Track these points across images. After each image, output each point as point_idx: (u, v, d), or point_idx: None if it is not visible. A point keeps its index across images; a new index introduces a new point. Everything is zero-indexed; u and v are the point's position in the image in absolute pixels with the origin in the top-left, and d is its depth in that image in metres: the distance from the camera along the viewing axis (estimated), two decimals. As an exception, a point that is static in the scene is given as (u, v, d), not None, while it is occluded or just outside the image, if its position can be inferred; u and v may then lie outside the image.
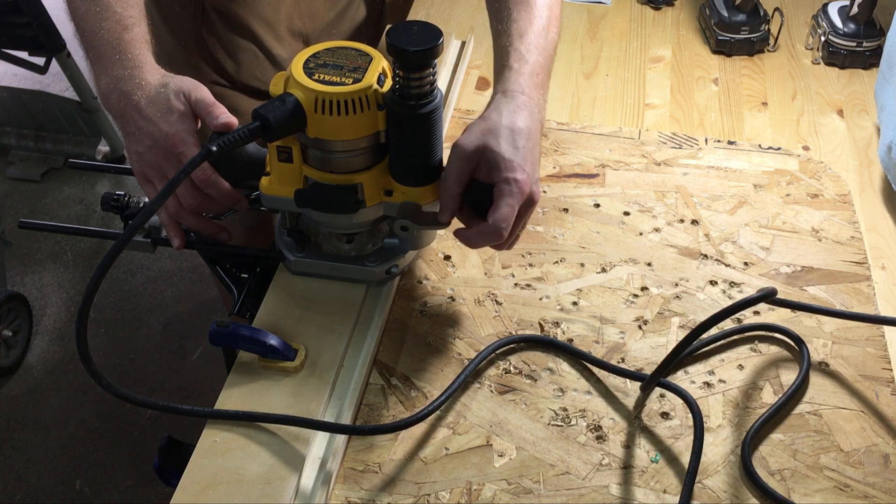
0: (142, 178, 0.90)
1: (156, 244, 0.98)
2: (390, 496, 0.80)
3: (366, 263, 0.94)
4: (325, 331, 0.91)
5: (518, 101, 0.87)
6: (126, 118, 0.88)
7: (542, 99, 0.91)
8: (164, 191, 0.77)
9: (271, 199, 0.90)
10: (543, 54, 0.93)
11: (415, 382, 0.90)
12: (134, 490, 1.93)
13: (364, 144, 0.86)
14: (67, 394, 2.10)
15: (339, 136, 0.84)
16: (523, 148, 0.85)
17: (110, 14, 0.92)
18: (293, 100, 0.82)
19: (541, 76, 0.92)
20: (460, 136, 0.86)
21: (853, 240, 1.05)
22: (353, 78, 0.83)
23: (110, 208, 0.99)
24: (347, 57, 0.85)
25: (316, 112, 0.82)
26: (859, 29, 1.34)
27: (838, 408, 0.88)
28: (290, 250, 0.96)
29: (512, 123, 0.85)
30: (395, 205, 0.90)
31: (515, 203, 0.83)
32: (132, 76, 0.89)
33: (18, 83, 2.85)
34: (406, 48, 0.79)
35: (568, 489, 0.81)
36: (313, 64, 0.84)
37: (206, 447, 0.81)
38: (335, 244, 0.95)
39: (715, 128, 1.25)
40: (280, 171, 0.88)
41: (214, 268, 0.97)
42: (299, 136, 0.85)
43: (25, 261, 2.44)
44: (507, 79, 0.90)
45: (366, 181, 0.88)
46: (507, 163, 0.83)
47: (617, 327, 0.96)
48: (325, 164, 0.87)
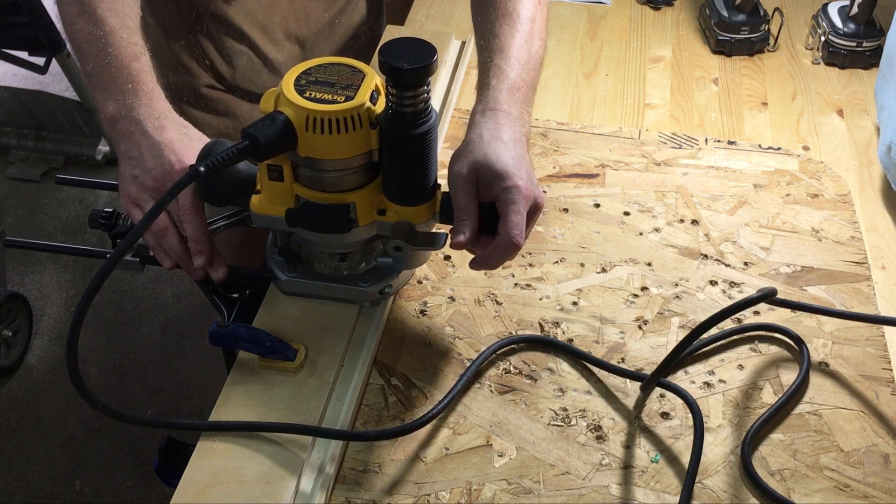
0: (128, 201, 0.89)
1: (144, 263, 0.95)
2: (390, 496, 0.80)
3: (359, 283, 0.92)
4: (325, 331, 0.91)
5: (497, 118, 0.87)
6: (132, 142, 0.88)
7: (523, 113, 0.90)
8: (151, 211, 0.75)
9: (262, 218, 0.88)
10: (526, 68, 0.92)
11: (415, 382, 0.90)
12: (134, 490, 1.93)
13: (356, 163, 0.83)
14: (67, 394, 2.10)
15: (330, 155, 0.82)
16: (514, 157, 0.84)
17: (116, 39, 0.91)
18: (283, 118, 0.79)
19: (522, 90, 0.91)
20: (450, 167, 0.86)
21: (853, 240, 1.05)
22: (345, 95, 0.81)
23: (99, 226, 0.96)
24: (339, 73, 0.83)
25: (307, 131, 0.80)
26: (859, 29, 1.34)
27: (838, 408, 0.88)
28: (281, 270, 0.94)
29: (496, 138, 0.85)
30: (388, 224, 0.88)
31: (522, 209, 0.82)
32: (149, 107, 0.89)
33: (18, 83, 2.85)
34: (399, 66, 0.77)
35: (568, 489, 0.81)
36: (304, 81, 0.82)
37: (205, 447, 0.81)
38: (328, 263, 0.94)
39: (715, 128, 1.25)
40: (271, 190, 0.86)
41: (203, 287, 0.95)
42: (290, 154, 0.83)
43: (25, 261, 2.44)
44: (486, 97, 0.89)
45: (358, 200, 0.86)
46: (503, 173, 0.82)
47: (617, 327, 0.96)
48: (317, 183, 0.85)
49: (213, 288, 0.94)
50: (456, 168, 0.85)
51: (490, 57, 0.92)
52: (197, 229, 0.88)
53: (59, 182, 1.08)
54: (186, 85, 1.26)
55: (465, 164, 0.84)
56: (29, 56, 2.40)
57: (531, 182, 0.84)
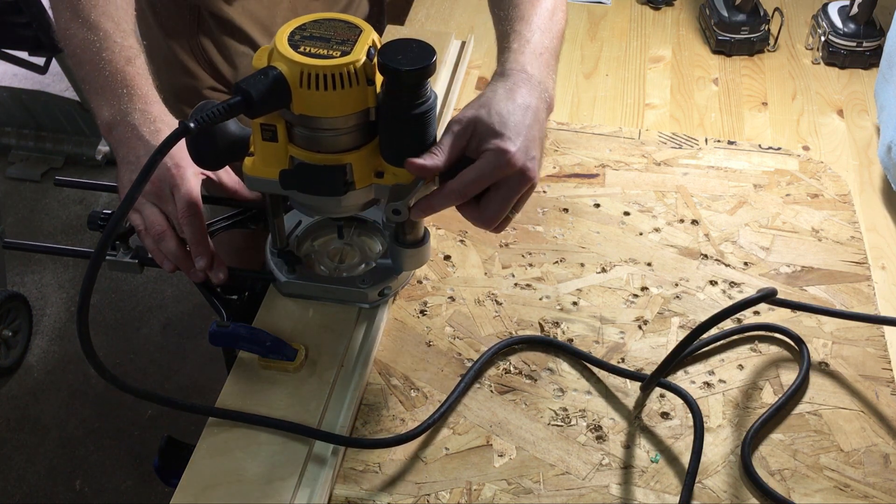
0: None
1: (143, 265, 0.94)
2: (390, 496, 0.80)
3: (358, 285, 0.92)
4: (325, 331, 0.91)
5: (516, 79, 0.84)
6: (129, 147, 0.88)
7: (546, 76, 0.86)
8: (137, 180, 0.72)
9: (255, 180, 0.85)
10: (548, 35, 0.89)
11: (415, 382, 0.90)
12: (134, 490, 1.93)
13: (353, 122, 0.80)
14: (67, 394, 2.10)
15: (325, 113, 0.79)
16: (518, 123, 0.80)
17: (110, 44, 0.90)
18: (276, 73, 0.76)
19: (545, 56, 0.87)
20: (457, 113, 0.83)
21: (853, 240, 1.05)
22: (341, 51, 0.77)
23: (98, 228, 0.95)
24: (335, 29, 0.80)
25: (301, 86, 0.77)
26: (859, 29, 1.34)
27: (838, 408, 0.88)
28: (280, 271, 0.93)
29: (509, 99, 0.82)
30: (386, 188, 0.84)
31: (490, 169, 0.79)
32: (144, 112, 0.88)
33: (18, 83, 2.85)
34: (399, 68, 0.76)
35: (568, 489, 0.81)
36: (299, 36, 0.79)
37: (205, 447, 0.81)
38: (327, 264, 0.93)
39: (715, 128, 1.25)
40: (264, 151, 0.83)
41: (202, 288, 0.94)
42: (284, 112, 0.80)
43: (25, 261, 2.44)
44: (506, 59, 0.86)
45: (355, 162, 0.82)
46: (496, 132, 0.79)
47: (617, 327, 0.96)
48: (312, 143, 0.81)
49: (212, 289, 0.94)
50: (457, 115, 0.82)
51: (510, 25, 0.89)
52: (196, 231, 0.87)
53: (57, 184, 1.06)
54: (188, 86, 1.26)
55: (467, 113, 0.82)
56: (29, 56, 2.41)
57: (525, 153, 0.79)
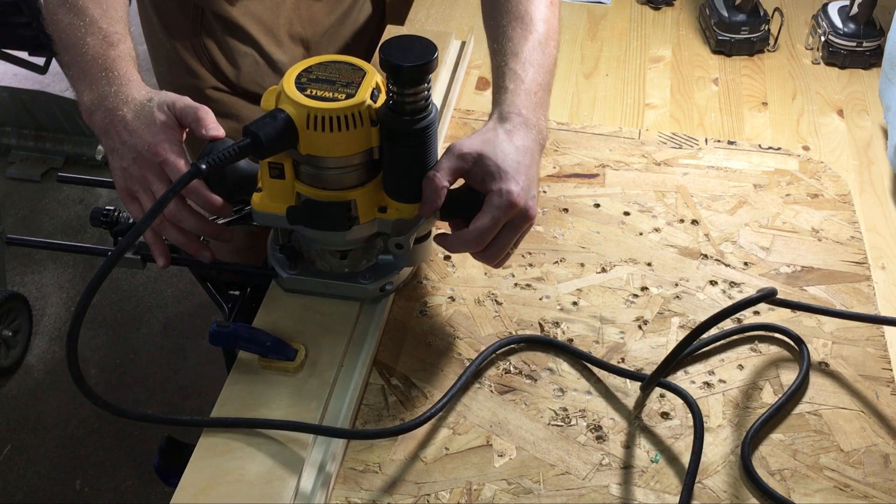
0: (126, 196, 0.89)
1: (145, 261, 0.95)
2: (390, 496, 0.80)
3: (360, 281, 0.93)
4: (325, 330, 0.91)
5: (514, 122, 0.87)
6: (110, 134, 0.87)
7: (540, 118, 0.90)
8: (153, 209, 0.75)
9: (263, 215, 0.88)
10: (541, 71, 0.92)
11: (415, 382, 0.90)
12: (134, 490, 1.93)
13: (357, 161, 0.84)
14: (67, 394, 2.10)
15: (331, 153, 0.82)
16: (519, 163, 0.84)
17: (95, 29, 0.90)
18: (284, 116, 0.80)
19: (539, 94, 0.90)
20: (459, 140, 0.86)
21: (853, 240, 1.05)
22: (346, 93, 0.81)
23: (100, 224, 0.96)
24: (340, 71, 0.84)
25: (308, 128, 0.80)
26: (859, 29, 1.34)
27: (838, 408, 0.88)
28: (282, 267, 0.94)
29: (509, 141, 0.85)
30: (389, 221, 0.88)
31: (501, 215, 0.82)
32: (118, 93, 0.87)
33: (18, 83, 2.85)
34: (400, 64, 0.78)
35: (568, 489, 0.81)
36: (305, 79, 0.82)
37: (205, 447, 0.81)
38: (329, 261, 0.94)
39: (715, 128, 1.25)
40: (272, 188, 0.87)
41: (205, 284, 0.94)
42: (291, 152, 0.83)
43: (25, 261, 2.44)
44: (503, 100, 0.89)
45: (359, 198, 0.86)
46: (501, 173, 0.82)
47: (617, 327, 0.96)
48: (318, 181, 0.85)
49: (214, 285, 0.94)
50: (461, 141, 0.85)
51: (504, 60, 0.92)
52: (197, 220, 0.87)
53: (60, 180, 1.08)
54: (191, 87, 1.26)
55: (471, 145, 0.84)
56: (29, 56, 2.41)
57: (527, 192, 0.83)
